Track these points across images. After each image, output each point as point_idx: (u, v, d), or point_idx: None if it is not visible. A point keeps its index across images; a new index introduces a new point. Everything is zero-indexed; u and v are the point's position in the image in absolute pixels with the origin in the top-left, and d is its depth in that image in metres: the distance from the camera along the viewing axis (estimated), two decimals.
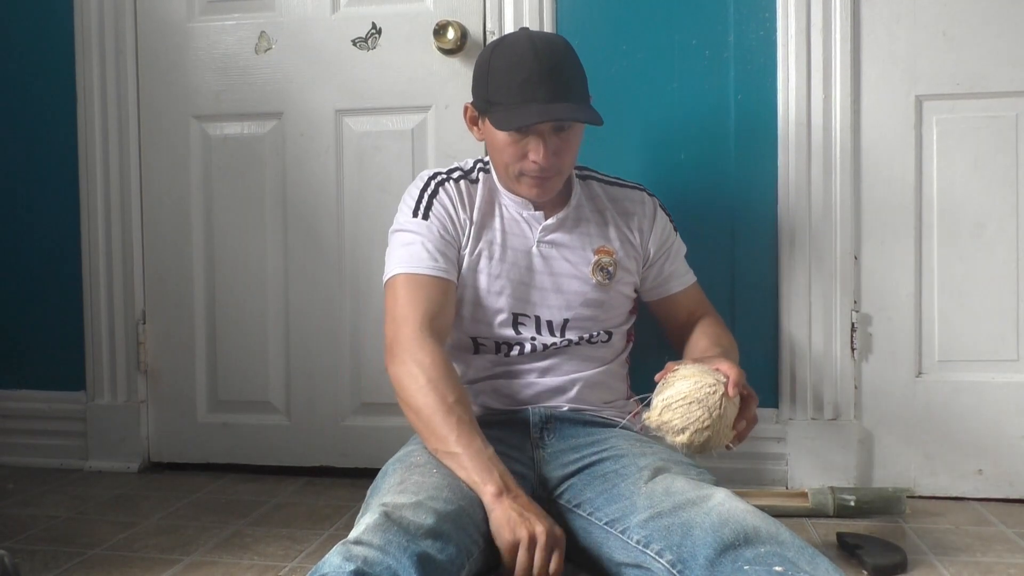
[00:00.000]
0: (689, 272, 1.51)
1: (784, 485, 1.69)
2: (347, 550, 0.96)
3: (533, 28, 1.71)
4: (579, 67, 1.32)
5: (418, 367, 1.23)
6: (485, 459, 1.16)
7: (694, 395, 1.15)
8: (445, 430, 1.19)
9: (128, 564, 1.35)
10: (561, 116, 1.25)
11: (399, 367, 1.25)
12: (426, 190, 1.38)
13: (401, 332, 1.27)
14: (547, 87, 1.25)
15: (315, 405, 1.86)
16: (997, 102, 1.62)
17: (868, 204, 1.66)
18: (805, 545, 1.00)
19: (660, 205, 1.47)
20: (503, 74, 1.27)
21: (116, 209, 1.91)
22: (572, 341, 1.38)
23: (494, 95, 1.29)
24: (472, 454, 1.16)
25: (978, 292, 1.63)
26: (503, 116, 1.27)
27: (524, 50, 1.26)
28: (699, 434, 1.14)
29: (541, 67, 1.25)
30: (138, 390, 1.93)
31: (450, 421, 1.19)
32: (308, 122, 1.84)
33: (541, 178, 1.32)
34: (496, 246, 1.37)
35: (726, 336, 1.46)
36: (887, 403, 1.66)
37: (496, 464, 1.17)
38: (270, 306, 1.88)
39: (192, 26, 1.89)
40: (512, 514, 1.11)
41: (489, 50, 1.33)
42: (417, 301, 1.29)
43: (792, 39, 1.65)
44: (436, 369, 1.23)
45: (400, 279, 1.31)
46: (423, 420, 1.21)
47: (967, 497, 1.63)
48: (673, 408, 1.15)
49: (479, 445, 1.18)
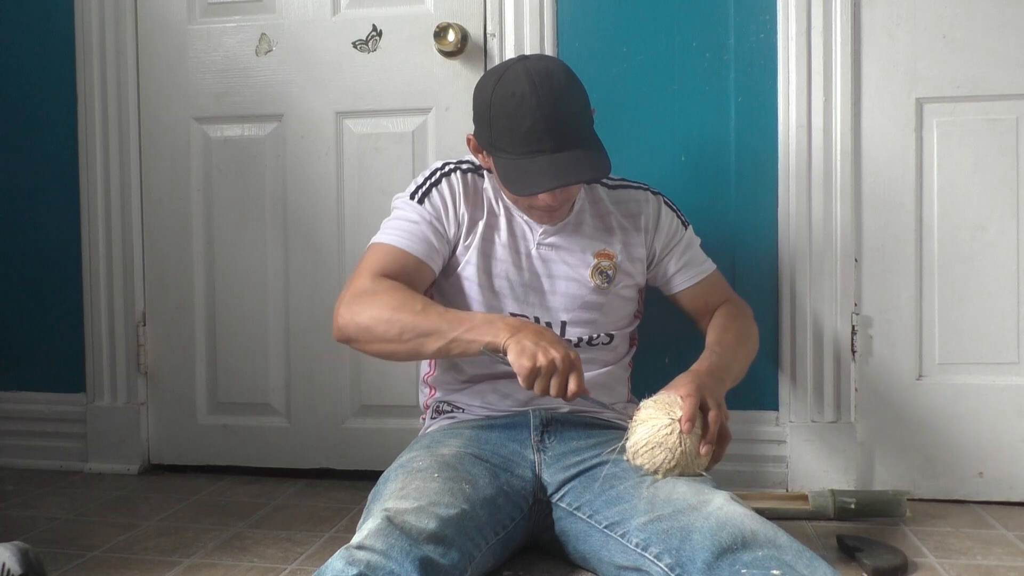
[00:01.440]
0: (706, 262, 1.50)
1: (784, 487, 1.69)
2: (350, 555, 0.96)
3: (533, 31, 1.72)
4: (581, 97, 1.30)
5: (374, 290, 1.27)
6: (481, 319, 1.21)
7: (654, 439, 1.17)
8: (431, 324, 1.22)
9: (128, 566, 1.35)
10: (569, 180, 1.24)
11: (351, 305, 1.27)
12: (431, 178, 1.39)
13: (355, 281, 1.31)
14: (552, 135, 1.24)
15: (315, 407, 1.86)
16: (997, 105, 1.62)
17: (868, 206, 1.66)
18: (803, 549, 1.01)
19: (666, 202, 1.47)
20: (505, 120, 1.25)
21: (116, 211, 1.91)
22: (571, 342, 1.38)
23: (498, 141, 1.28)
24: (470, 323, 1.21)
25: (978, 295, 1.63)
26: (512, 173, 1.26)
27: (525, 93, 1.23)
28: (671, 471, 1.18)
29: (544, 112, 1.23)
30: (138, 392, 1.93)
31: (430, 316, 1.22)
32: (308, 124, 1.84)
33: (551, 209, 1.34)
34: (497, 245, 1.37)
35: (733, 327, 1.43)
36: (888, 406, 1.66)
37: (495, 315, 1.24)
38: (270, 308, 1.88)
39: (192, 28, 1.89)
40: (527, 343, 1.15)
41: (489, 89, 1.29)
42: (384, 265, 1.32)
43: (792, 41, 1.65)
44: (394, 286, 1.27)
45: (376, 246, 1.35)
46: (404, 329, 1.23)
47: (967, 500, 1.63)
48: (641, 454, 1.18)
49: (467, 314, 1.24)
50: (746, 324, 1.47)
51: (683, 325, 1.64)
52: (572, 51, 1.73)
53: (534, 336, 1.17)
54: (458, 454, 1.25)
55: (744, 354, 1.42)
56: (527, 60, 1.30)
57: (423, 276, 1.35)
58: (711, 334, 1.42)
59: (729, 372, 1.33)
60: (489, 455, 1.28)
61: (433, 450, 1.27)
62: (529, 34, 1.72)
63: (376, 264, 1.32)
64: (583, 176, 1.25)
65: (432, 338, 1.22)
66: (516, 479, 1.27)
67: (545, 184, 1.23)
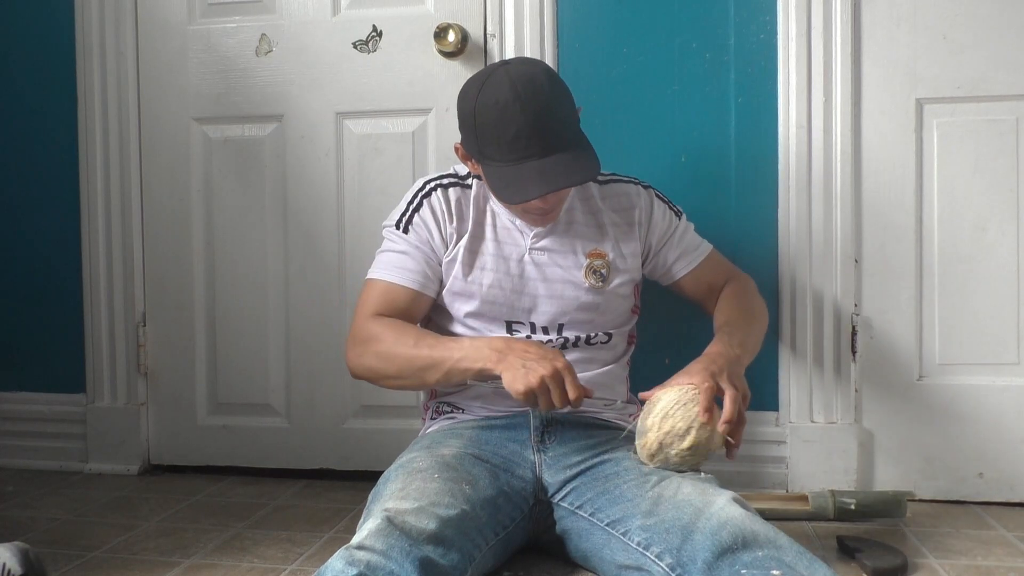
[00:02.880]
0: (701, 245, 1.50)
1: (784, 488, 1.69)
2: (350, 555, 0.96)
3: (533, 32, 1.72)
4: (565, 98, 1.29)
5: (371, 334, 1.33)
6: (468, 346, 1.26)
7: (684, 398, 1.20)
8: (424, 359, 1.28)
9: (128, 566, 1.35)
10: (558, 184, 1.24)
11: (355, 347, 1.36)
12: (412, 202, 1.40)
13: (355, 323, 1.38)
14: (539, 140, 1.24)
15: (315, 407, 1.86)
16: (997, 105, 1.62)
17: (869, 207, 1.66)
18: (803, 550, 1.01)
19: (657, 195, 1.47)
20: (490, 129, 1.25)
21: (116, 211, 1.91)
22: (568, 340, 1.38)
23: (485, 149, 1.28)
24: (459, 352, 1.25)
25: (979, 295, 1.63)
26: (501, 181, 1.26)
27: (508, 100, 1.23)
28: (703, 430, 1.18)
29: (528, 118, 1.22)
30: (138, 392, 1.93)
31: (422, 350, 1.28)
32: (308, 124, 1.84)
33: (544, 212, 1.34)
34: (488, 255, 1.37)
35: (740, 305, 1.44)
36: (888, 406, 1.66)
37: (481, 339, 1.28)
38: (270, 308, 1.88)
39: (192, 28, 1.89)
40: (516, 368, 1.19)
41: (472, 98, 1.27)
42: (379, 304, 1.37)
43: (793, 42, 1.65)
44: (387, 325, 1.33)
45: (371, 284, 1.39)
46: (403, 366, 1.30)
47: (968, 500, 1.63)
48: (672, 414, 1.19)
49: (455, 343, 1.28)
50: (751, 300, 1.48)
51: (683, 324, 1.65)
52: (572, 52, 1.73)
53: (520, 357, 1.20)
54: (458, 455, 1.26)
55: (756, 329, 1.43)
56: (508, 65, 1.29)
57: (419, 306, 1.38)
58: (718, 316, 1.43)
59: (745, 348, 1.33)
60: (489, 456, 1.29)
61: (433, 450, 1.27)
62: (529, 35, 1.72)
63: (372, 304, 1.37)
64: (572, 179, 1.25)
65: (430, 371, 1.28)
66: (516, 480, 1.27)
67: (534, 191, 1.23)
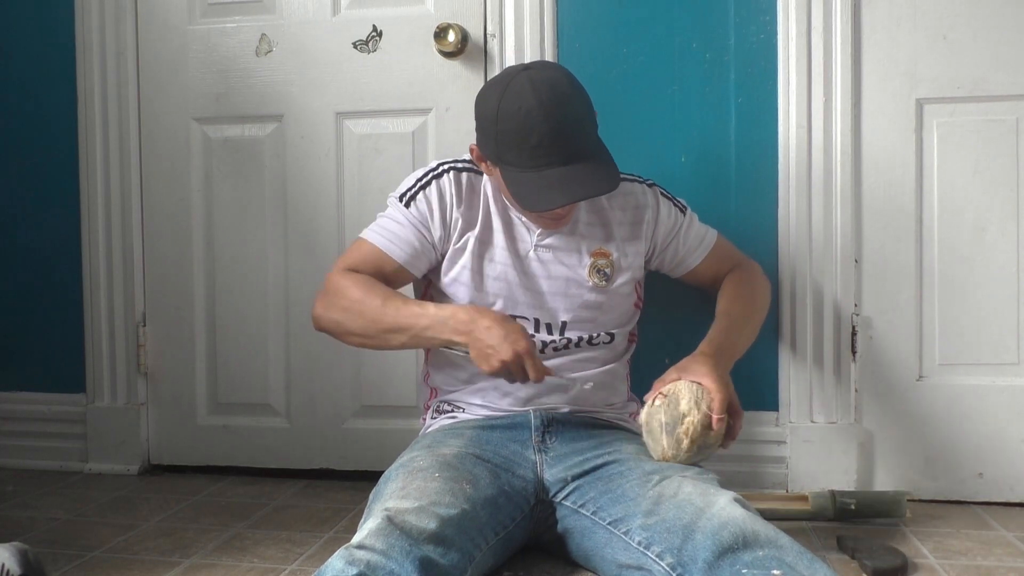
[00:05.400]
0: (707, 235, 1.51)
1: (784, 488, 1.69)
2: (350, 554, 0.96)
3: (533, 32, 1.72)
4: (586, 106, 1.29)
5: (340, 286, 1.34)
6: (434, 315, 1.27)
7: (700, 392, 1.26)
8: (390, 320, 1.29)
9: (127, 566, 1.35)
10: (580, 195, 1.25)
11: (323, 298, 1.36)
12: (421, 180, 1.40)
13: (330, 274, 1.38)
14: (561, 148, 1.24)
15: (315, 407, 1.86)
16: (997, 106, 1.62)
17: (869, 207, 1.66)
18: (804, 550, 1.01)
19: (662, 193, 1.48)
20: (512, 135, 1.25)
21: (116, 211, 1.91)
22: (571, 340, 1.38)
23: (504, 155, 1.27)
24: (426, 320, 1.27)
25: (979, 295, 1.63)
26: (521, 188, 1.26)
27: (531, 107, 1.22)
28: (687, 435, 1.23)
29: (551, 125, 1.22)
30: (138, 392, 1.93)
31: (388, 312, 1.29)
32: (308, 124, 1.84)
33: (559, 218, 1.35)
34: (494, 247, 1.37)
35: (743, 294, 1.48)
36: (888, 406, 1.66)
37: (447, 309, 1.29)
38: (270, 308, 1.87)
39: (192, 28, 1.89)
40: (481, 351, 1.23)
41: (494, 102, 1.26)
42: (359, 261, 1.37)
43: (792, 42, 1.65)
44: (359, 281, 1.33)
45: (360, 242, 1.40)
46: (367, 325, 1.31)
47: (968, 500, 1.63)
48: (700, 404, 1.24)
49: (422, 310, 1.29)
50: (754, 287, 1.51)
51: (683, 324, 1.64)
52: (572, 52, 1.73)
53: (484, 335, 1.23)
54: (459, 454, 1.26)
55: (754, 322, 1.47)
56: (531, 71, 1.28)
57: (399, 278, 1.39)
58: (721, 302, 1.46)
59: (736, 346, 1.39)
60: (490, 455, 1.28)
61: (434, 450, 1.27)
62: (529, 35, 1.72)
63: (352, 259, 1.39)
64: (594, 190, 1.26)
65: (394, 334, 1.30)
66: (517, 479, 1.27)
67: (557, 200, 1.24)
